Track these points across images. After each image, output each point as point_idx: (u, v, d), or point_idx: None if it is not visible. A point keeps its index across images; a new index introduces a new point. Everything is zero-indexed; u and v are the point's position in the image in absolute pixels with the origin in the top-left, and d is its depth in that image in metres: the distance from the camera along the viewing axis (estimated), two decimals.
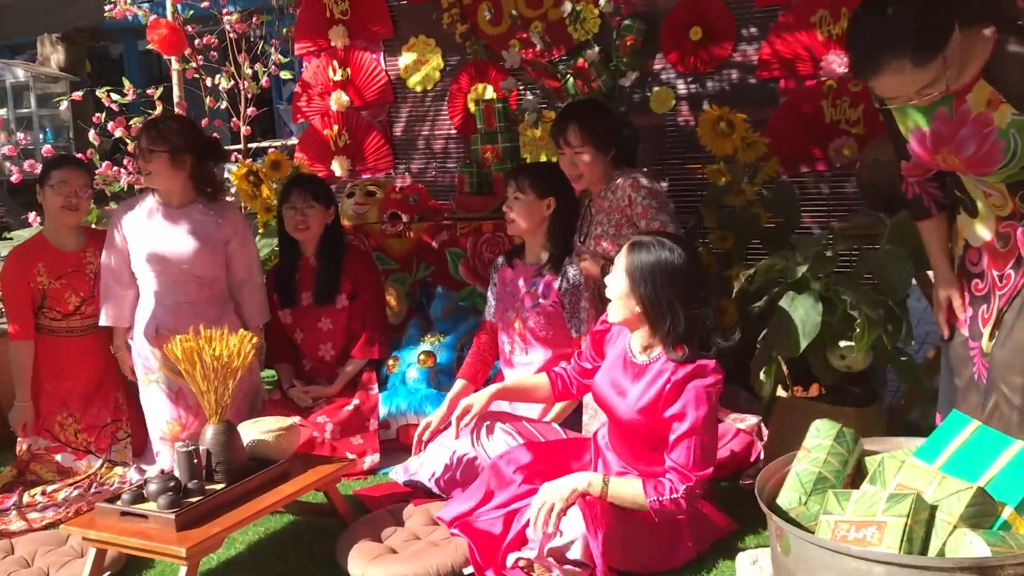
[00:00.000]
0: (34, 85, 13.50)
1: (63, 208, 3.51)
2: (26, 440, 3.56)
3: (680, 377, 2.45)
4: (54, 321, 3.59)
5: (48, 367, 3.60)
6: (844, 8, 3.75)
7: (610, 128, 3.25)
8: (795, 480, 1.95)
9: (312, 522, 3.08)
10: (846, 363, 2.74)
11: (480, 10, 4.50)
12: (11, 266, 3.56)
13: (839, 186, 3.91)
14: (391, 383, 3.69)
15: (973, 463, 1.82)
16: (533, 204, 3.27)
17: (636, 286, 2.47)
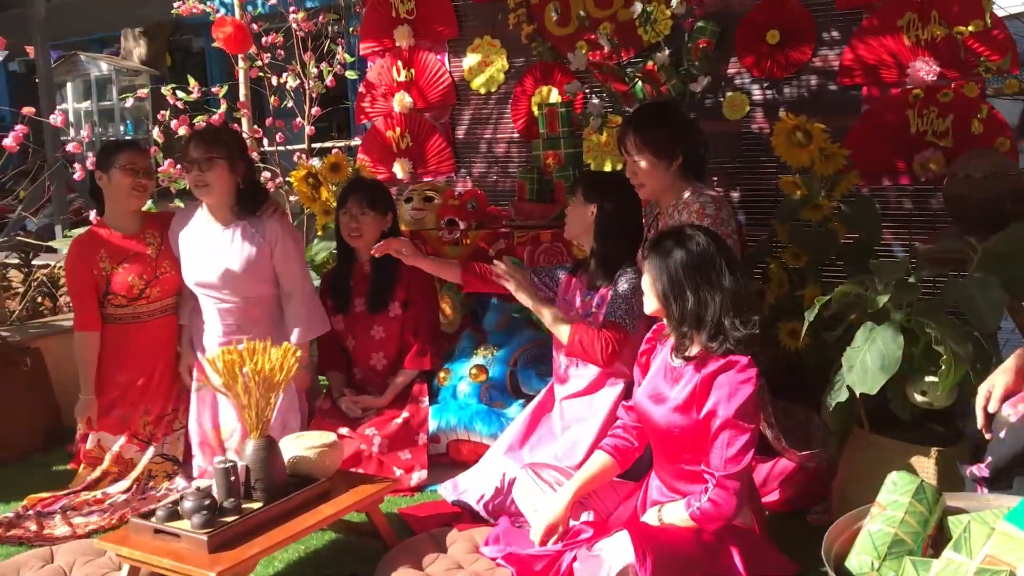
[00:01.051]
0: (116, 78, 13.80)
1: (132, 189, 3.47)
2: (96, 434, 3.52)
3: (710, 372, 2.37)
4: (120, 308, 3.51)
5: (120, 358, 3.53)
6: (934, 11, 3.51)
7: (671, 135, 3.07)
8: (868, 541, 1.75)
9: (353, 542, 2.97)
10: (927, 399, 2.52)
11: (547, 11, 4.35)
12: (74, 255, 3.51)
13: (923, 202, 3.66)
14: (442, 396, 3.57)
15: None
16: (579, 208, 3.12)
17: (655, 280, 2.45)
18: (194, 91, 4.95)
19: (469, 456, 3.45)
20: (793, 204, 3.42)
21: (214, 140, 3.40)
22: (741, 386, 2.32)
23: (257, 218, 3.47)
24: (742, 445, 2.32)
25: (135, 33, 13.88)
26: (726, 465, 2.30)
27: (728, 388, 2.32)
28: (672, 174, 3.08)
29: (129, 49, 14.07)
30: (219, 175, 3.38)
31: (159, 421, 3.58)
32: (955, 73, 3.51)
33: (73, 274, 3.52)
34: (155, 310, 3.57)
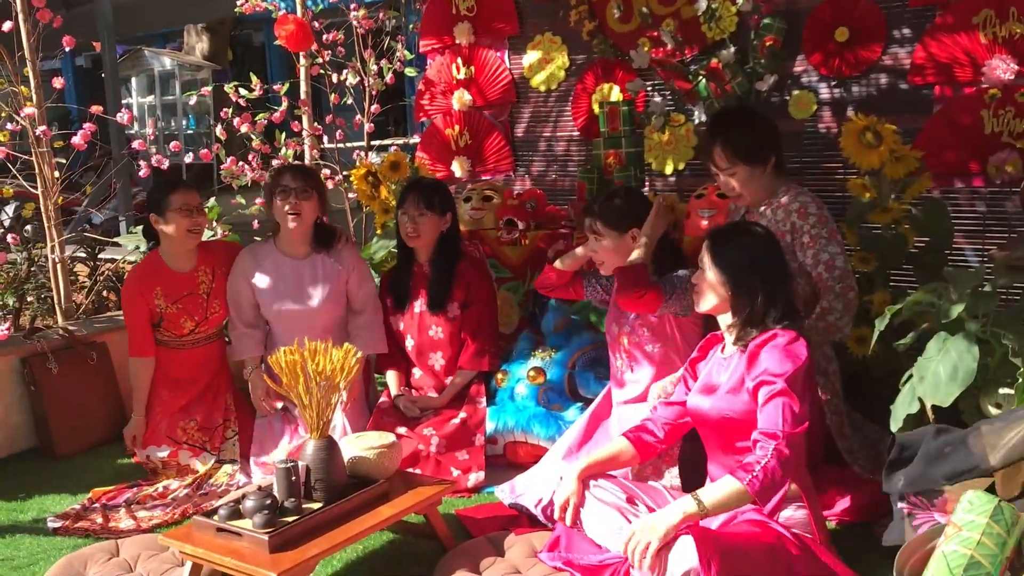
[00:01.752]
0: (179, 73, 14.05)
1: (189, 232, 3.59)
2: (145, 450, 3.61)
3: (757, 344, 2.40)
4: (171, 338, 3.69)
5: (164, 376, 3.69)
6: (1013, 8, 3.39)
7: (759, 138, 3.03)
8: (942, 563, 1.70)
9: (411, 543, 2.97)
10: (999, 413, 2.44)
11: (609, 7, 4.31)
12: (131, 288, 3.66)
13: (998, 205, 3.55)
14: (499, 398, 3.56)
15: None
16: (618, 242, 3.08)
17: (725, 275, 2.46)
18: (256, 88, 5.00)
19: (526, 458, 3.44)
20: (862, 207, 3.34)
21: (310, 173, 3.67)
22: (789, 353, 2.33)
23: (332, 249, 3.64)
24: (793, 413, 2.28)
25: (198, 29, 14.10)
26: (781, 428, 2.26)
27: (777, 354, 2.34)
28: (767, 178, 3.03)
29: (191, 44, 14.31)
30: (311, 207, 3.56)
31: (210, 432, 3.66)
32: None
33: (130, 305, 3.66)
34: (200, 339, 3.73)
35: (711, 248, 2.51)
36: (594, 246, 3.11)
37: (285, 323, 3.63)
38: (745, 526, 2.39)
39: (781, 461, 2.26)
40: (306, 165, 3.81)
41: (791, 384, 2.31)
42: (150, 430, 3.64)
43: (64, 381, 3.94)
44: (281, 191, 3.55)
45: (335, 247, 3.69)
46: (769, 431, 2.29)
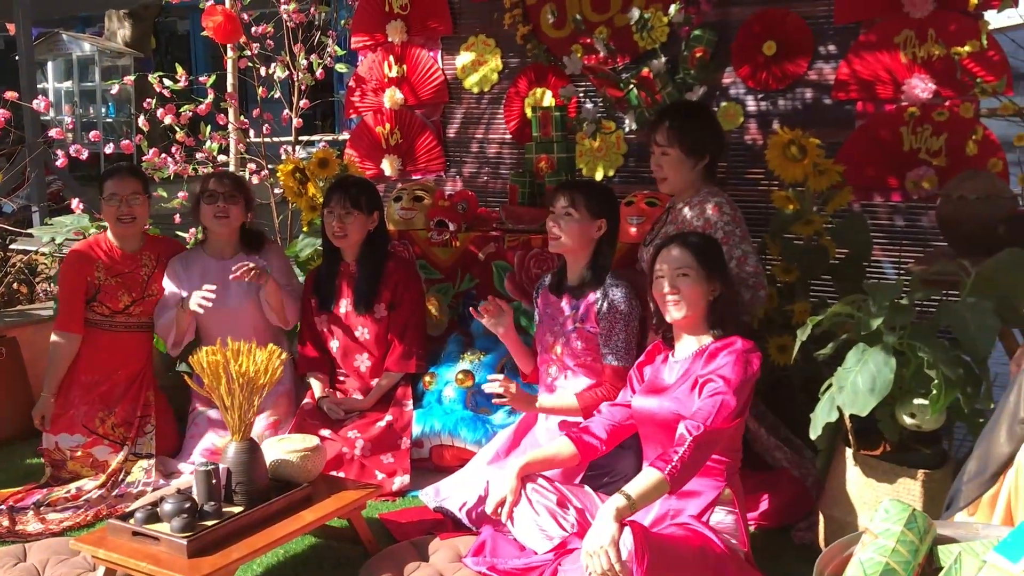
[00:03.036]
0: (100, 59, 13.63)
1: (118, 220, 3.56)
2: (55, 436, 3.49)
3: (715, 348, 2.52)
4: (101, 316, 3.61)
5: (86, 359, 3.59)
6: (932, 30, 3.50)
7: (704, 135, 3.12)
8: (859, 569, 1.74)
9: (334, 548, 2.94)
10: (916, 422, 2.51)
11: (543, 12, 4.32)
12: (72, 260, 3.60)
13: (915, 220, 3.66)
14: (426, 401, 3.54)
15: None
16: (585, 224, 3.08)
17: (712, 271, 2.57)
18: (181, 79, 4.87)
19: (452, 462, 3.42)
20: (785, 218, 3.41)
21: (237, 179, 3.74)
22: (743, 360, 2.44)
23: (259, 252, 3.71)
24: (727, 412, 2.38)
25: (120, 14, 13.70)
26: (708, 421, 2.36)
27: (733, 358, 2.44)
28: (696, 173, 3.11)
29: (113, 30, 13.88)
30: (237, 211, 3.62)
31: (128, 426, 3.57)
32: (950, 92, 3.51)
33: (68, 276, 3.58)
34: (132, 324, 3.67)
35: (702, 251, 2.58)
36: (561, 221, 3.08)
37: (214, 323, 3.57)
38: (676, 529, 2.43)
39: (695, 454, 2.35)
40: (231, 172, 3.78)
41: (736, 389, 2.39)
42: (64, 416, 3.53)
43: None
44: (208, 196, 3.59)
45: (262, 249, 3.70)
46: (695, 423, 2.37)
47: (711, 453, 2.41)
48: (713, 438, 2.37)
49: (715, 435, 2.37)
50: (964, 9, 3.39)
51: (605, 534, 2.26)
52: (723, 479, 2.50)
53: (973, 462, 2.21)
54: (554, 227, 3.09)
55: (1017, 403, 2.09)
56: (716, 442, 2.40)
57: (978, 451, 2.21)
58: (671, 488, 2.35)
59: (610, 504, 2.31)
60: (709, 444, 2.38)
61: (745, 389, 2.46)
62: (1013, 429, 2.09)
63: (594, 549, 2.26)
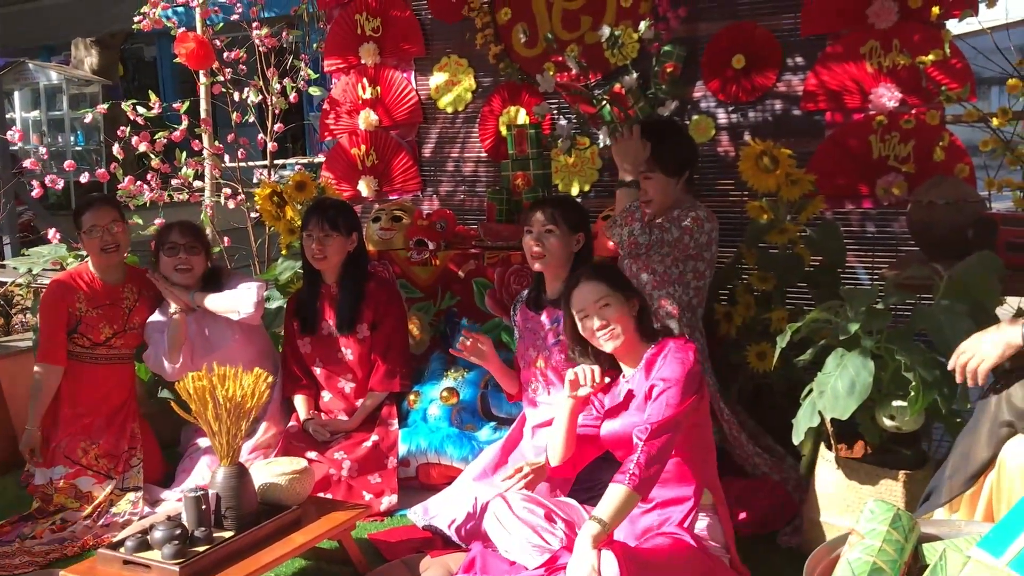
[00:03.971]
0: (67, 88, 13.56)
1: (103, 251, 3.58)
2: (36, 466, 3.48)
3: (648, 359, 2.57)
4: (83, 348, 3.61)
5: (69, 392, 3.59)
6: (896, 40, 3.59)
7: (681, 153, 3.21)
8: (847, 570, 1.78)
9: (324, 569, 2.94)
10: (896, 423, 2.57)
11: (515, 32, 4.36)
12: (53, 290, 3.60)
13: (886, 225, 3.73)
14: (411, 419, 3.55)
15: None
16: (566, 238, 3.13)
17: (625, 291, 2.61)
18: (155, 106, 4.87)
19: (439, 479, 3.44)
20: (759, 228, 3.46)
21: (197, 229, 3.74)
22: (678, 359, 2.48)
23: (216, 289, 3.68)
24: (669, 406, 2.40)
25: (86, 42, 13.63)
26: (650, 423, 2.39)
27: (669, 359, 2.49)
28: (678, 189, 3.18)
29: (80, 58, 13.81)
30: (200, 261, 3.66)
31: (112, 458, 3.56)
32: (915, 100, 3.59)
33: (48, 307, 3.59)
34: (113, 356, 3.68)
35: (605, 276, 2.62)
36: (543, 239, 3.12)
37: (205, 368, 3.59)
38: (662, 539, 2.46)
39: (651, 454, 2.37)
40: (189, 221, 3.79)
41: (678, 383, 2.43)
42: (47, 448, 3.52)
43: None
44: (169, 248, 3.61)
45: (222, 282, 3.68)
46: (643, 425, 2.41)
47: (670, 448, 2.41)
48: (663, 430, 2.38)
49: (664, 426, 2.38)
50: (927, 19, 3.48)
51: (585, 564, 2.27)
52: (698, 480, 2.52)
53: (953, 459, 2.26)
54: (535, 245, 3.13)
55: (999, 406, 2.14)
56: (668, 433, 2.39)
57: (958, 449, 2.26)
58: (640, 495, 2.37)
59: (585, 532, 2.33)
60: (662, 438, 2.38)
61: (691, 381, 2.46)
62: (994, 431, 2.15)
63: None
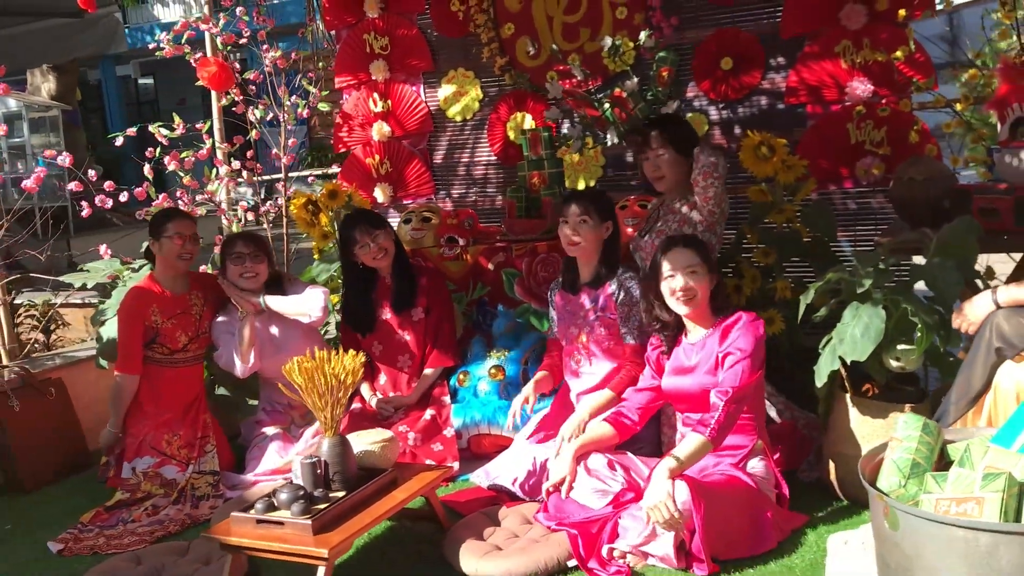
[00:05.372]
0: (26, 113, 13.59)
1: (179, 258, 3.89)
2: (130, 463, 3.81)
3: (724, 328, 3.03)
4: (162, 356, 3.93)
5: (153, 393, 3.91)
6: (866, 39, 4.08)
7: (689, 136, 3.66)
8: (893, 467, 2.23)
9: (408, 527, 3.32)
10: (900, 364, 3.04)
11: (520, 43, 4.79)
12: (129, 305, 3.90)
13: (865, 202, 4.23)
14: (461, 396, 3.95)
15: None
16: (598, 228, 3.55)
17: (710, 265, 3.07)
18: (178, 128, 5.19)
19: (490, 449, 3.84)
20: (760, 209, 3.93)
21: (260, 238, 4.08)
22: (752, 330, 2.96)
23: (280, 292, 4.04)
24: (746, 373, 2.90)
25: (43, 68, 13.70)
26: (733, 384, 2.88)
27: (743, 330, 2.95)
28: (685, 173, 3.57)
29: (37, 84, 13.87)
30: (264, 268, 3.98)
31: (191, 447, 3.89)
32: (885, 91, 4.09)
33: (126, 321, 3.88)
34: (189, 359, 4.01)
35: (700, 248, 3.06)
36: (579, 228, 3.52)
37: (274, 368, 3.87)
38: (719, 476, 2.91)
39: (729, 412, 2.87)
40: (254, 232, 4.14)
41: (751, 353, 2.89)
42: (135, 443, 3.83)
43: (27, 417, 4.06)
44: (235, 257, 3.94)
45: (283, 287, 4.04)
46: (723, 389, 2.89)
47: (741, 411, 2.91)
48: (739, 396, 2.88)
49: (740, 393, 2.88)
50: (892, 20, 3.98)
51: (661, 490, 2.73)
52: (754, 433, 3.00)
53: (956, 388, 2.75)
54: (572, 234, 3.56)
55: (991, 338, 2.63)
56: (743, 400, 2.90)
57: (960, 379, 2.75)
58: (713, 446, 2.85)
59: (663, 465, 2.79)
60: (737, 403, 2.88)
61: (759, 351, 2.97)
62: (989, 357, 2.63)
63: (654, 503, 2.73)
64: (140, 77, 22.29)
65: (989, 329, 2.66)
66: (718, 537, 2.77)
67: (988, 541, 1.93)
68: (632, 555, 2.85)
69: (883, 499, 2.10)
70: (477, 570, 2.88)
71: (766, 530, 2.89)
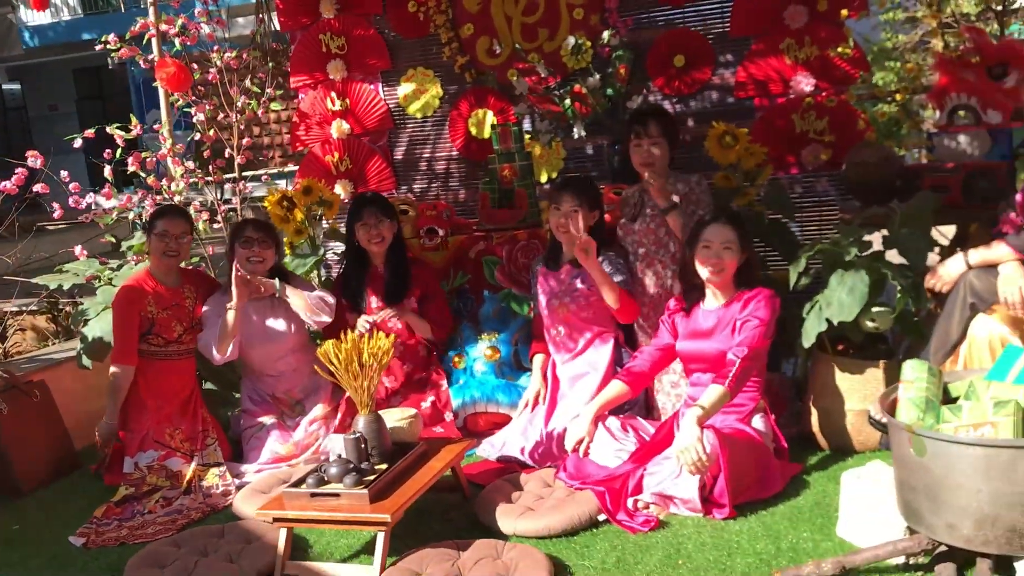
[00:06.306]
0: None
1: (164, 254, 3.97)
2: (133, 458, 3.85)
3: (746, 299, 3.34)
4: (158, 347, 3.98)
5: (150, 386, 3.96)
6: (807, 37, 4.49)
7: (676, 128, 3.98)
8: (909, 403, 2.57)
9: (431, 498, 3.46)
10: (875, 325, 3.42)
11: (480, 43, 5.01)
12: (125, 297, 3.94)
13: (811, 186, 4.64)
14: (457, 377, 4.14)
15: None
16: (587, 216, 3.81)
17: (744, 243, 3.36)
18: (135, 128, 5.19)
19: (485, 426, 4.05)
20: (725, 194, 4.28)
21: (270, 226, 4.22)
22: (771, 303, 3.29)
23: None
24: (761, 335, 3.24)
25: None
26: (751, 342, 3.20)
27: (763, 302, 3.28)
28: (668, 161, 3.90)
29: None
30: (272, 255, 4.13)
31: (193, 439, 3.96)
32: (825, 85, 4.50)
33: (122, 314, 3.93)
34: (183, 351, 4.08)
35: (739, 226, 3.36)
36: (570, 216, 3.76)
37: (258, 353, 4.12)
38: (730, 429, 3.21)
39: (745, 367, 3.19)
40: (265, 219, 4.22)
41: (767, 323, 3.22)
42: (137, 438, 3.88)
43: (15, 420, 4.01)
44: (245, 241, 4.04)
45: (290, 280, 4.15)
46: (741, 348, 3.20)
47: (753, 369, 3.22)
48: (754, 355, 3.20)
49: (755, 352, 3.20)
50: (831, 19, 4.40)
51: (691, 435, 3.02)
52: (758, 393, 3.31)
53: (935, 340, 3.14)
54: (565, 222, 3.80)
55: (965, 294, 3.03)
56: (756, 359, 3.21)
57: (938, 332, 3.14)
58: (731, 396, 3.15)
59: (690, 414, 3.08)
60: (752, 360, 3.19)
61: (773, 322, 3.29)
62: (964, 312, 3.03)
63: (684, 446, 3.01)
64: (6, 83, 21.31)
65: (963, 287, 3.05)
66: (736, 482, 3.07)
67: (1008, 456, 2.28)
68: (655, 505, 3.13)
69: (910, 430, 2.43)
70: (515, 529, 3.09)
71: (772, 477, 3.22)
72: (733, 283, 3.40)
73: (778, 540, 2.88)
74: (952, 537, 2.39)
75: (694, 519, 3.07)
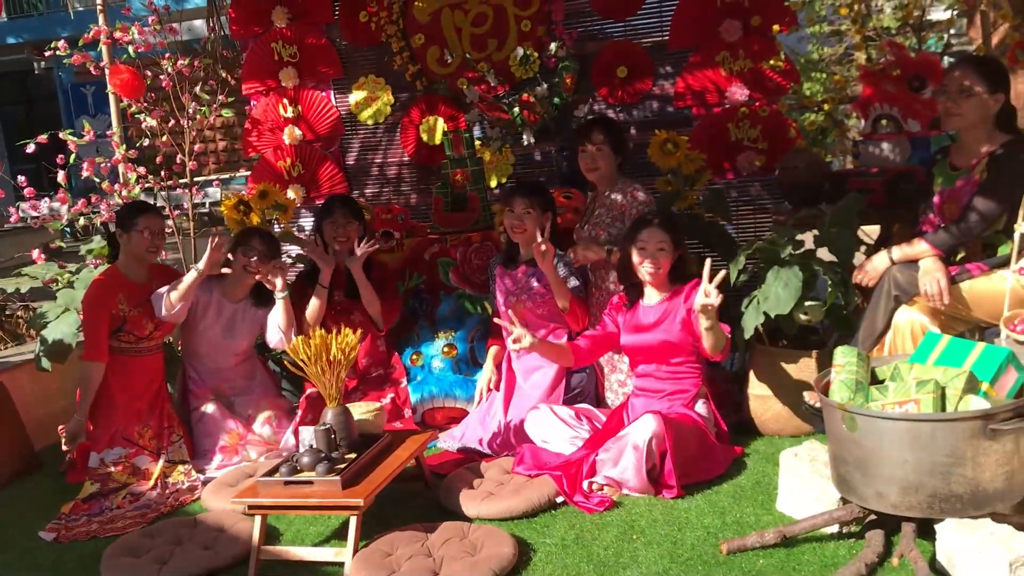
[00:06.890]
0: None
1: (147, 251, 4.04)
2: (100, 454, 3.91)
3: (687, 292, 3.56)
4: (129, 344, 4.05)
5: (121, 383, 4.02)
6: (741, 50, 4.77)
7: (623, 136, 4.19)
8: (841, 385, 2.82)
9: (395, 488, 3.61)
10: (807, 318, 3.69)
11: (431, 52, 5.19)
12: (95, 294, 3.99)
13: (745, 190, 4.93)
14: (413, 374, 4.31)
15: (953, 360, 2.77)
16: (539, 218, 4.02)
17: (677, 243, 3.57)
18: (88, 135, 5.24)
19: (442, 420, 4.23)
20: (667, 198, 4.53)
21: (276, 244, 4.23)
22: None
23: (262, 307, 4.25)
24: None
25: None
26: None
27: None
28: (616, 166, 4.12)
29: None
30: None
31: (160, 437, 4.05)
32: (758, 95, 4.79)
33: (92, 310, 3.99)
34: (152, 347, 4.17)
35: (672, 229, 3.57)
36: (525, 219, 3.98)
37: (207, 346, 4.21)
38: (675, 414, 3.44)
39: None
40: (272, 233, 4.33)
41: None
42: (106, 434, 3.94)
43: None
44: (247, 248, 4.12)
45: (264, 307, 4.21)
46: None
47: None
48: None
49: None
50: (764, 34, 4.69)
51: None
52: (700, 379, 3.55)
53: (863, 330, 3.41)
54: (519, 223, 4.01)
55: (889, 288, 3.31)
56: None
57: (865, 323, 3.41)
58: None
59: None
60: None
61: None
62: (888, 304, 3.31)
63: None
64: None
65: (887, 281, 3.34)
66: (681, 463, 3.30)
67: (928, 428, 2.54)
68: (609, 487, 3.34)
69: (842, 408, 2.68)
70: (479, 512, 3.27)
71: (715, 459, 3.46)
72: (668, 280, 3.63)
73: (723, 515, 3.12)
74: (881, 504, 2.65)
75: (646, 499, 3.29)
